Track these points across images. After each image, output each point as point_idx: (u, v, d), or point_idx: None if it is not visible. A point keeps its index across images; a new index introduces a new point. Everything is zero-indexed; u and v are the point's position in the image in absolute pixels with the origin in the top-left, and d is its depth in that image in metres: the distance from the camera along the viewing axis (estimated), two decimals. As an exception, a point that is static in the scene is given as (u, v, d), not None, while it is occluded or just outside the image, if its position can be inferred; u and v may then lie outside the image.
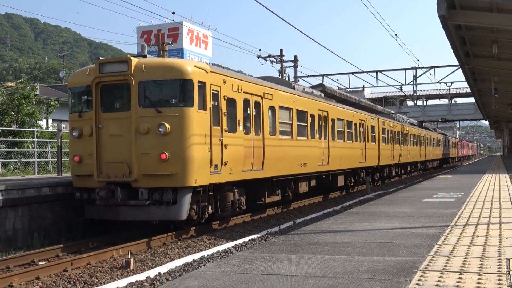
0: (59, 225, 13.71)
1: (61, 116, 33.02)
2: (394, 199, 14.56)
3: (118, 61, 13.23)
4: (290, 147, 18.33)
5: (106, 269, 10.11)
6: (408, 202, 13.53)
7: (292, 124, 18.66)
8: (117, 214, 12.97)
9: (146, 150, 12.65)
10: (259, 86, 16.47)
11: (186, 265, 9.57)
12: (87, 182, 13.35)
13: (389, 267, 5.92)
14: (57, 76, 70.89)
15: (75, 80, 13.89)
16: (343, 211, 13.54)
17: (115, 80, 13.16)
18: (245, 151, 15.22)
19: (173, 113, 12.72)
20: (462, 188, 17.57)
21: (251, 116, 15.77)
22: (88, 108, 13.48)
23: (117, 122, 13.06)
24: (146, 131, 12.62)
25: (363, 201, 19.67)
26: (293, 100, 18.85)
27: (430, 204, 12.93)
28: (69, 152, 14.31)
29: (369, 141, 28.87)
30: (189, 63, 13.25)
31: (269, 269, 6.08)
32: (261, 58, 39.08)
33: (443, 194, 15.55)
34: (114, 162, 12.96)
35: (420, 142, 46.33)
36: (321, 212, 17.47)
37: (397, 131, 36.41)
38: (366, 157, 27.97)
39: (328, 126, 22.29)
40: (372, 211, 11.67)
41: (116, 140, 13.03)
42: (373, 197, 20.85)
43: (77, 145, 13.53)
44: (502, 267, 5.78)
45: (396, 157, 35.29)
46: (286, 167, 17.85)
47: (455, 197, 14.43)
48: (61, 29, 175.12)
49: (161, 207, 12.73)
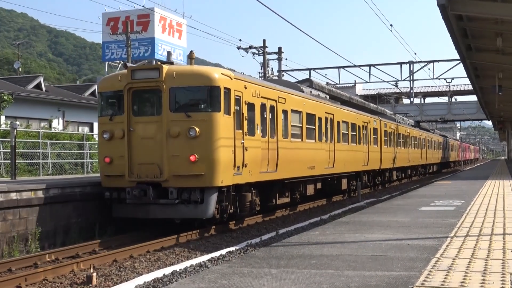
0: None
1: (16, 112, 32.60)
2: (387, 207, 14.56)
3: (150, 68, 15.57)
4: (301, 149, 20.52)
5: (65, 285, 10.00)
6: (403, 210, 13.56)
7: (302, 127, 20.85)
8: (147, 213, 15.08)
9: (176, 152, 14.83)
10: (274, 90, 18.71)
11: (156, 280, 9.54)
12: (117, 182, 15.44)
13: (382, 283, 5.93)
14: (11, 67, 70.16)
15: (106, 85, 16.06)
16: (331, 221, 13.53)
17: (147, 86, 15.40)
18: (262, 154, 17.37)
19: (202, 117, 14.93)
20: (462, 196, 17.55)
21: (267, 120, 17.88)
22: (119, 112, 15.61)
23: (148, 125, 15.32)
24: (177, 134, 14.81)
25: (354, 209, 19.60)
26: (303, 103, 21.07)
27: (427, 213, 12.95)
28: (99, 153, 16.35)
29: (371, 144, 30.57)
30: (216, 71, 15.61)
31: (249, 284, 6.07)
32: (242, 50, 38.88)
33: (441, 202, 15.55)
34: (145, 163, 15.16)
35: (421, 145, 47.62)
36: (307, 221, 17.61)
37: (399, 133, 37.96)
38: (368, 160, 29.60)
39: (334, 129, 24.43)
40: (363, 220, 11.65)
41: (147, 143, 15.23)
42: (365, 205, 20.82)
43: (108, 147, 15.59)
44: (506, 282, 5.78)
45: (397, 160, 36.60)
46: (297, 169, 19.99)
47: (455, 206, 14.43)
48: (16, 14, 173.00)
49: (189, 206, 14.90)
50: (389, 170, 35.95)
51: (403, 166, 40.02)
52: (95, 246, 13.80)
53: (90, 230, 15.66)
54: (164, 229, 15.85)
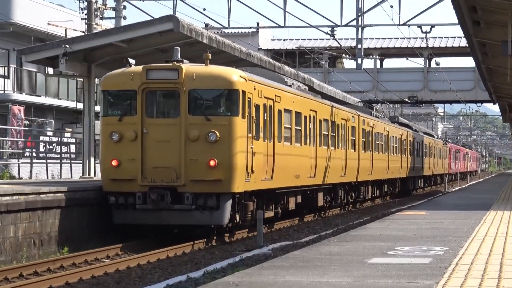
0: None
1: None
2: (312, 258, 11.28)
3: (167, 69, 17.41)
4: (291, 155, 21.92)
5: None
6: (340, 264, 10.35)
7: (291, 128, 22.03)
8: (160, 219, 17.10)
9: (195, 156, 16.96)
10: (272, 88, 20.19)
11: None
12: (126, 186, 17.18)
13: None
14: None
15: (113, 82, 17.82)
16: (209, 281, 11.23)
17: (164, 87, 17.53)
18: (263, 159, 19.23)
19: (222, 121, 17.11)
20: (445, 238, 14.08)
21: (266, 122, 19.57)
22: (131, 112, 17.44)
23: (164, 128, 17.28)
24: (196, 138, 16.96)
25: (252, 260, 16.31)
26: (292, 100, 22.23)
27: (382, 269, 9.65)
28: (103, 155, 17.88)
29: (349, 148, 29.87)
30: (234, 72, 17.72)
31: None
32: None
33: (408, 249, 12.15)
34: (160, 167, 17.08)
35: (402, 148, 43.12)
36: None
37: (377, 132, 35.68)
38: (346, 169, 28.89)
39: (316, 130, 25.00)
40: (266, 282, 9.40)
41: (162, 146, 17.17)
42: (271, 253, 17.58)
43: (116, 149, 17.36)
44: None
45: (375, 170, 34.62)
46: (287, 177, 21.42)
47: (432, 256, 11.22)
48: None
49: (205, 212, 17.00)
50: (365, 183, 33.56)
51: (380, 180, 37.02)
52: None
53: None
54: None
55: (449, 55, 61.78)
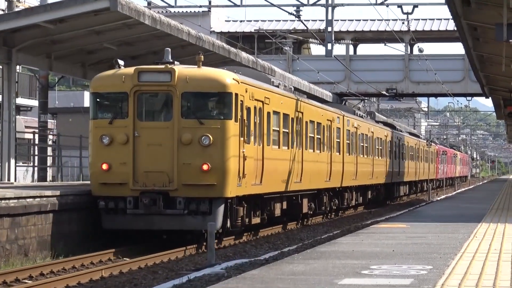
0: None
1: None
2: (273, 278, 11.11)
3: (160, 71, 19.00)
4: (279, 159, 24.00)
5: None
6: (305, 285, 10.58)
7: (279, 131, 23.91)
8: (151, 224, 18.76)
9: (188, 160, 18.83)
10: (262, 90, 21.88)
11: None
12: (116, 191, 18.79)
13: None
14: None
15: (103, 84, 19.48)
16: None
17: (156, 90, 19.38)
18: (254, 163, 20.78)
19: (215, 125, 18.92)
20: (429, 255, 14.42)
21: (256, 125, 21.16)
22: (122, 115, 19.17)
23: (156, 131, 19.05)
24: (189, 142, 18.82)
25: (201, 281, 16.48)
26: (281, 102, 24.11)
27: None
28: (93, 159, 19.35)
29: (334, 151, 31.94)
30: (227, 75, 19.44)
31: None
32: None
33: (386, 268, 11.81)
34: (152, 171, 18.79)
35: (387, 151, 43.96)
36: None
37: (362, 133, 37.80)
38: (331, 174, 30.92)
39: (302, 132, 27.14)
40: None
41: (154, 149, 18.90)
42: (224, 273, 17.50)
43: (106, 152, 18.99)
44: None
45: (359, 175, 36.82)
46: (275, 182, 23.42)
47: (413, 276, 10.88)
48: None
49: (197, 217, 18.75)
50: (349, 189, 35.74)
51: (364, 185, 38.55)
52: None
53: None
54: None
55: (435, 40, 60.66)
